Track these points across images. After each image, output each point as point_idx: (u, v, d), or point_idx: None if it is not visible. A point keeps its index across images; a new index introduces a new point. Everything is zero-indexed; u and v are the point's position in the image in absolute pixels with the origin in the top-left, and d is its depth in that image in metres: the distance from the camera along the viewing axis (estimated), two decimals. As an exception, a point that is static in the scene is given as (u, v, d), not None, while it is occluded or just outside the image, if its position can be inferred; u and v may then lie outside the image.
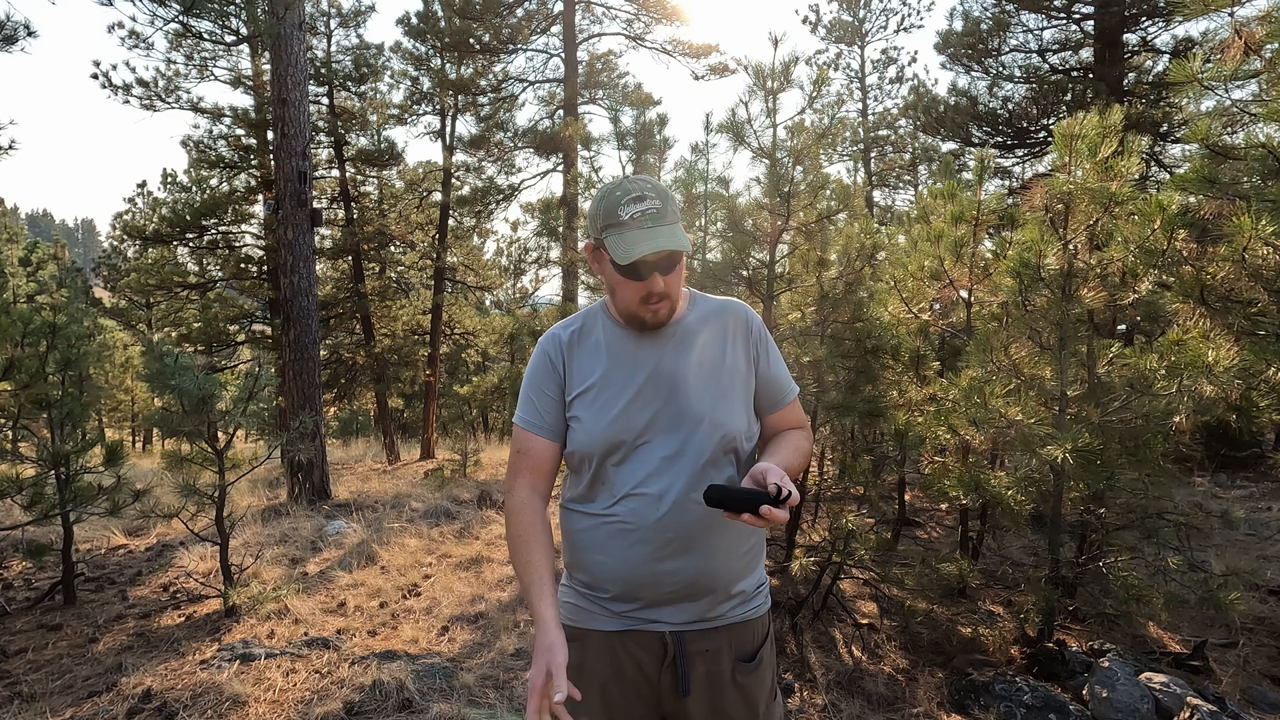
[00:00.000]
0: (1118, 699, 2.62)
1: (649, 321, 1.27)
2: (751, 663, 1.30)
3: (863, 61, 19.48)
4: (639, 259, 1.17)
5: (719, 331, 1.33)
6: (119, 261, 17.47)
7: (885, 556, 4.24)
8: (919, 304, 4.32)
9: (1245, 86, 3.48)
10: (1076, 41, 11.44)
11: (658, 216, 1.19)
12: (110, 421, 21.46)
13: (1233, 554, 4.67)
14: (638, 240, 1.17)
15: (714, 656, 1.27)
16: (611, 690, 1.27)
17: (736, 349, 1.33)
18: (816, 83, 3.99)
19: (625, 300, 1.26)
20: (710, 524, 1.25)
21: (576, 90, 13.16)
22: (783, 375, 1.39)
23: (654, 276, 1.21)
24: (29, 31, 5.22)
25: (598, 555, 1.28)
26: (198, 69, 11.83)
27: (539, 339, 1.39)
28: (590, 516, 1.30)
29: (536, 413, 1.32)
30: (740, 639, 1.29)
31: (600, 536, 1.28)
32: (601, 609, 1.30)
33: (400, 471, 10.70)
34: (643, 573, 1.24)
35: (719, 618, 1.28)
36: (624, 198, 1.20)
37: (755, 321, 1.38)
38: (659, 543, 1.23)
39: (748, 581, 1.32)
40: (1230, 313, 3.05)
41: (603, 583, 1.28)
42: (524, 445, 1.32)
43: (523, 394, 1.35)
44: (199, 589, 4.32)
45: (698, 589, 1.25)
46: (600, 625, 1.29)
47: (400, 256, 15.86)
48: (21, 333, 3.80)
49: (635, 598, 1.26)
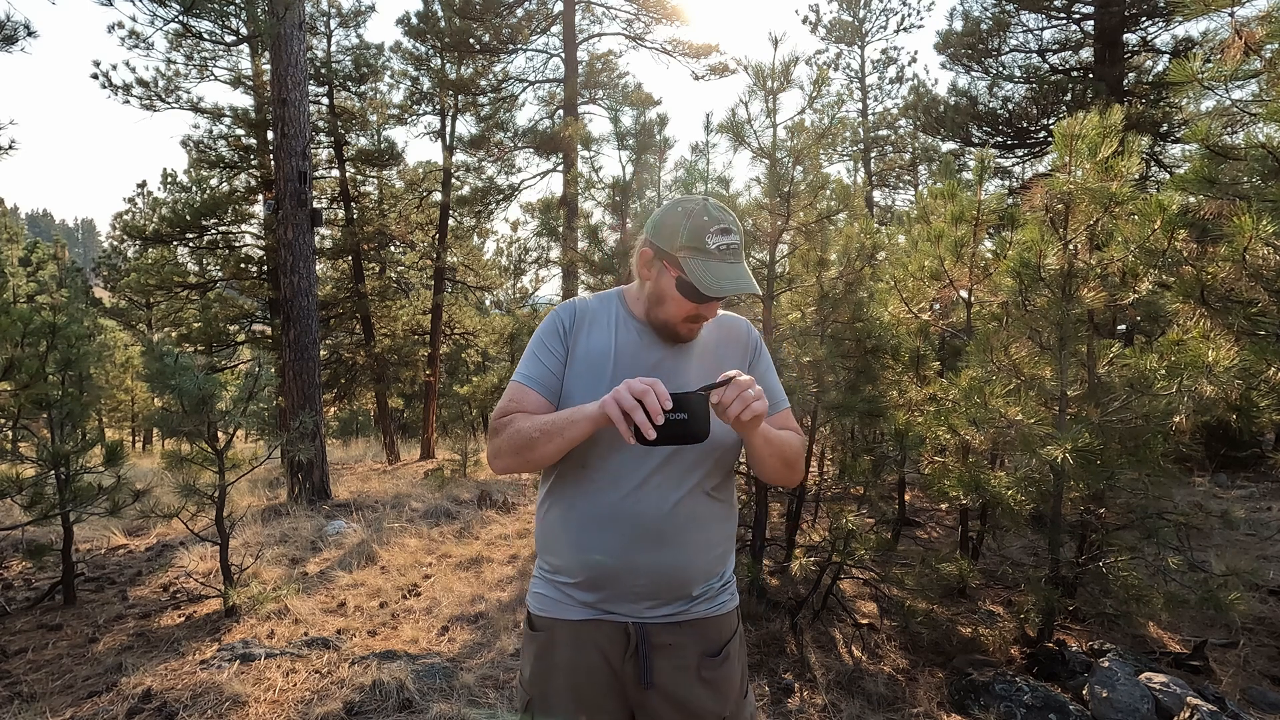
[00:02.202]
0: (1118, 699, 2.62)
1: (684, 336, 1.31)
2: (718, 657, 1.30)
3: (863, 61, 19.48)
4: (713, 296, 1.21)
5: (719, 340, 1.39)
6: (119, 261, 17.47)
7: (885, 556, 4.24)
8: (919, 304, 4.32)
9: (1245, 86, 3.48)
10: (1076, 41, 11.44)
11: (739, 254, 1.25)
12: (110, 421, 21.46)
13: (1233, 554, 4.67)
14: (724, 275, 1.21)
15: (679, 650, 1.27)
16: (580, 680, 1.27)
17: (733, 356, 1.38)
18: (816, 83, 3.98)
19: (671, 313, 1.28)
20: (687, 520, 1.26)
21: (576, 90, 13.16)
22: (774, 385, 1.41)
23: (712, 306, 1.27)
24: (29, 31, 5.22)
25: (571, 540, 1.28)
26: (198, 69, 11.84)
27: (555, 307, 1.40)
28: (568, 501, 1.30)
29: (541, 369, 1.31)
30: (706, 635, 1.30)
31: (576, 522, 1.28)
32: (568, 598, 1.30)
33: (400, 471, 10.70)
34: (613, 563, 1.24)
35: (684, 613, 1.28)
36: (711, 226, 1.23)
37: (754, 335, 1.44)
38: (634, 535, 1.24)
39: (716, 579, 1.33)
40: (1230, 313, 3.05)
41: (571, 568, 1.29)
42: (520, 397, 1.30)
43: (528, 352, 1.35)
44: (199, 589, 4.32)
45: (666, 584, 1.26)
46: (567, 615, 1.29)
47: (400, 256, 15.86)
48: (21, 333, 3.80)
49: (601, 587, 1.26)
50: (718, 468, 1.31)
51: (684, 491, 1.26)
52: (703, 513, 1.29)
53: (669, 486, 1.25)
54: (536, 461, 1.23)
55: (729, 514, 1.36)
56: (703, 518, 1.29)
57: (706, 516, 1.30)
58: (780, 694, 2.97)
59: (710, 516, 1.30)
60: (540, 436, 1.18)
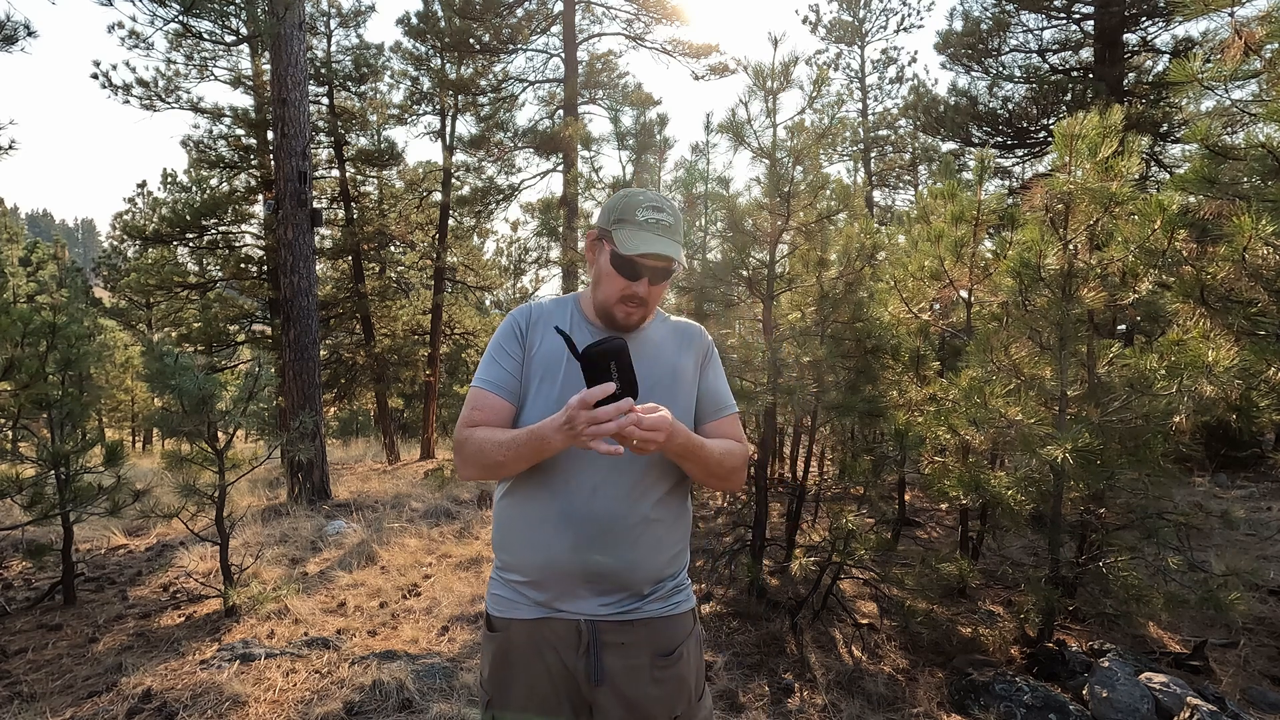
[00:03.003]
0: (1118, 699, 2.62)
1: (620, 321, 1.34)
2: (670, 656, 1.31)
3: (863, 61, 19.48)
4: (639, 254, 1.27)
5: (676, 345, 1.43)
6: (119, 261, 17.46)
7: (885, 556, 4.24)
8: (919, 304, 4.32)
9: (1245, 86, 3.48)
10: (1076, 41, 11.44)
11: (669, 230, 1.30)
12: (110, 421, 21.46)
13: (1233, 554, 4.67)
14: (646, 240, 1.28)
15: (631, 649, 1.28)
16: (535, 678, 1.29)
17: (687, 361, 1.42)
18: (816, 83, 3.98)
19: (607, 293, 1.33)
20: (639, 521, 1.28)
21: (576, 90, 13.15)
22: (723, 391, 1.46)
23: (643, 280, 1.30)
24: (29, 31, 5.22)
25: (524, 538, 1.31)
26: (198, 69, 11.84)
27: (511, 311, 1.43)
28: (522, 499, 1.32)
29: (500, 372, 1.35)
30: (659, 635, 1.31)
31: (529, 519, 1.30)
32: (522, 597, 1.32)
33: (400, 471, 10.70)
34: (564, 561, 1.26)
35: (636, 611, 1.30)
36: (645, 202, 1.30)
37: (708, 341, 1.49)
38: (586, 533, 1.26)
39: (669, 581, 1.35)
40: (1230, 313, 3.05)
41: (524, 566, 1.31)
42: (481, 403, 1.33)
43: (487, 357, 1.38)
44: (199, 589, 4.32)
45: (617, 582, 1.28)
46: (522, 614, 1.31)
47: (400, 256, 15.86)
48: (21, 333, 3.80)
49: (552, 585, 1.28)
50: (670, 471, 1.34)
51: (637, 493, 1.29)
52: (655, 514, 1.31)
53: (622, 487, 1.28)
54: (504, 476, 1.30)
55: (682, 516, 1.39)
56: (654, 519, 1.31)
57: (658, 518, 1.32)
58: (780, 694, 2.97)
59: (662, 518, 1.33)
60: (508, 460, 1.23)
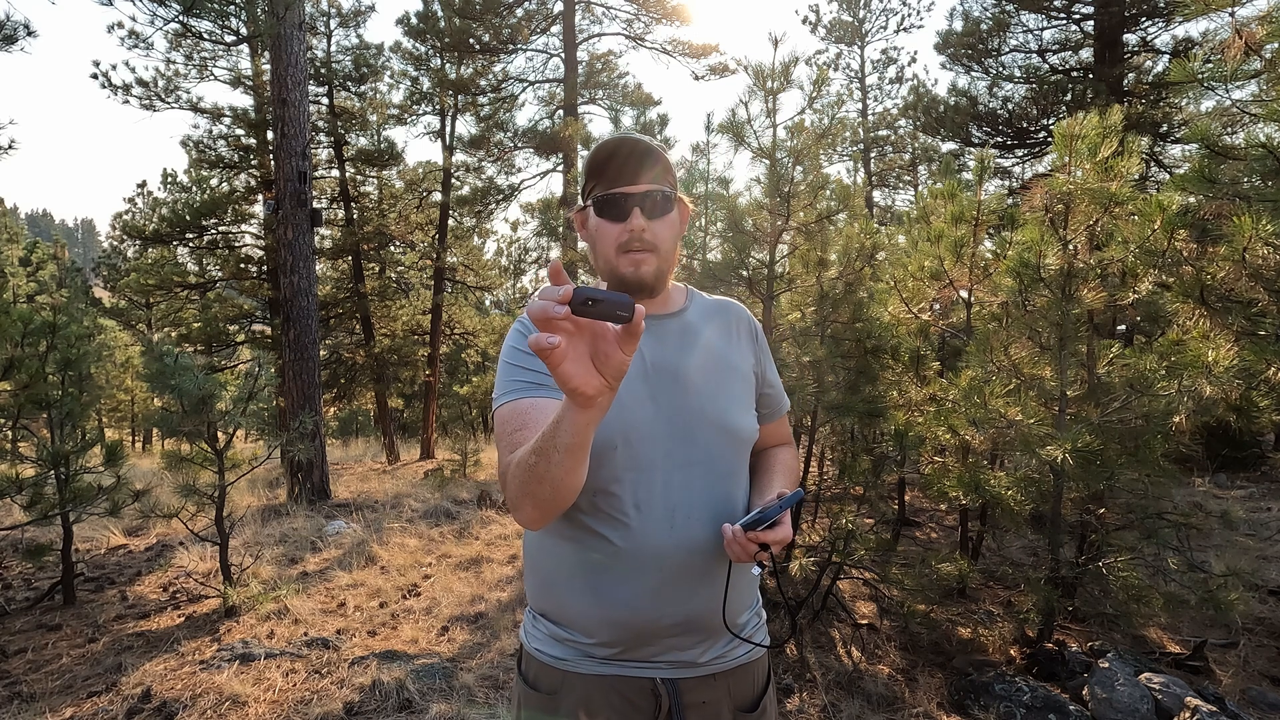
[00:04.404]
0: (1117, 699, 2.61)
1: (629, 278, 1.06)
2: (754, 713, 1.12)
3: (863, 61, 19.49)
4: (618, 191, 1.04)
5: (722, 328, 1.19)
6: (119, 261, 17.45)
7: (885, 557, 4.23)
8: (919, 304, 4.32)
9: (1245, 86, 3.48)
10: (1076, 41, 11.44)
11: (646, 153, 1.05)
12: (110, 421, 21.46)
13: (1233, 554, 4.67)
14: (620, 172, 1.05)
15: (713, 710, 1.07)
16: None
17: (742, 349, 1.19)
18: (816, 83, 3.99)
19: (605, 251, 1.08)
20: (720, 547, 1.03)
21: (576, 90, 13.15)
22: (780, 385, 1.29)
23: (634, 213, 1.04)
24: (29, 31, 5.22)
25: (580, 590, 1.04)
26: (197, 69, 11.84)
27: (517, 318, 1.17)
28: (570, 540, 1.05)
29: (532, 374, 1.05)
30: (740, 686, 1.11)
31: (586, 564, 1.04)
32: (581, 654, 1.06)
33: (400, 471, 10.70)
34: (639, 611, 1.02)
35: (718, 660, 1.08)
36: (609, 142, 1.07)
37: (757, 324, 1.27)
38: (665, 573, 1.01)
39: (749, 614, 1.15)
40: (1230, 313, 3.05)
41: (585, 624, 1.05)
42: (522, 417, 1.00)
43: (505, 370, 1.08)
44: (199, 589, 4.32)
45: (700, 627, 1.05)
46: (581, 669, 1.06)
47: (400, 256, 15.86)
48: (21, 333, 3.80)
49: (625, 641, 1.04)
50: (745, 477, 1.14)
51: (724, 510, 1.06)
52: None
53: (705, 507, 1.04)
54: (551, 494, 0.88)
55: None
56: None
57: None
58: (780, 695, 2.97)
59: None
60: (537, 460, 0.86)
